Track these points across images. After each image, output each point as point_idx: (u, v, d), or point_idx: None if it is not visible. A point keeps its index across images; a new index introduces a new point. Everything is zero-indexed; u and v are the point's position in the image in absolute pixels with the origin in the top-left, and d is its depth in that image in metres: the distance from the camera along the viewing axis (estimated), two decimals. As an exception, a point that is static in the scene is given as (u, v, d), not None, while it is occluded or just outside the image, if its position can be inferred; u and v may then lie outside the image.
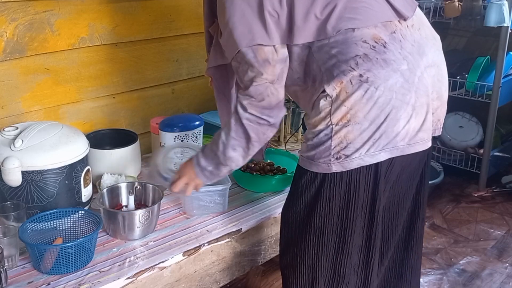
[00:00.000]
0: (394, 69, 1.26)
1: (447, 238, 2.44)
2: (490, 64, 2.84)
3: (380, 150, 1.29)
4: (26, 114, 1.90)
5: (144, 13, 2.14)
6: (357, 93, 1.25)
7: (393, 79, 1.26)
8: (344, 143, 1.28)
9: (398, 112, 1.27)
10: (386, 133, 1.28)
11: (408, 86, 1.28)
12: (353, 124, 1.26)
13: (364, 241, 1.40)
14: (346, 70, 1.25)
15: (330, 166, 1.30)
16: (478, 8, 2.60)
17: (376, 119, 1.26)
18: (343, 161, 1.29)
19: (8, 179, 1.54)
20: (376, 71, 1.24)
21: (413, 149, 1.34)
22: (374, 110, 1.26)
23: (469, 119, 2.96)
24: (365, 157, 1.29)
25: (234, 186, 1.95)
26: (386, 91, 1.25)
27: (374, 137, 1.27)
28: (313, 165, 1.34)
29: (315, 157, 1.32)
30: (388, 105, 1.26)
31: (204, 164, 1.45)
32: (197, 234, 1.66)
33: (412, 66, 1.29)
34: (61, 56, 1.94)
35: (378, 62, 1.25)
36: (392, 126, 1.28)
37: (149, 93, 2.27)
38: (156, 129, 2.02)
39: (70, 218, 1.57)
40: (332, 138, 1.28)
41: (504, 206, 2.73)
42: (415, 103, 1.30)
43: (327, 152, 1.30)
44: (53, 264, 1.41)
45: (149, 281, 1.48)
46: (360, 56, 1.25)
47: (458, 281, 2.13)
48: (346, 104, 1.26)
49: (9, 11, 1.76)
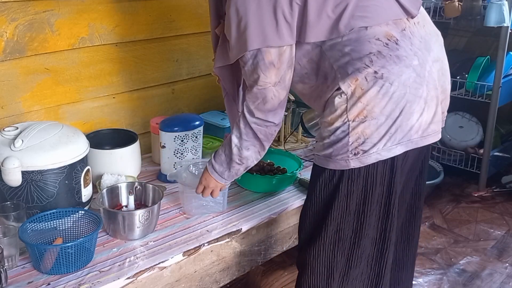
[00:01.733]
0: (406, 65, 1.30)
1: (447, 238, 2.44)
2: (490, 64, 2.84)
3: (397, 144, 1.33)
4: (26, 114, 1.90)
5: (144, 13, 2.14)
6: (372, 89, 1.28)
7: (406, 74, 1.30)
8: (361, 139, 1.30)
9: (412, 106, 1.31)
10: (402, 127, 1.32)
11: (420, 81, 1.32)
12: (370, 120, 1.29)
13: (379, 233, 1.43)
14: (361, 68, 1.28)
15: (348, 162, 1.33)
16: (478, 8, 2.60)
17: (392, 113, 1.30)
18: (361, 156, 1.32)
19: (8, 179, 1.53)
20: (390, 67, 1.28)
21: (426, 141, 1.38)
22: (390, 105, 1.29)
23: (469, 119, 2.96)
24: (382, 151, 1.32)
25: (234, 186, 1.95)
26: (400, 86, 1.29)
27: (391, 132, 1.31)
28: (330, 163, 1.36)
29: (333, 154, 1.34)
30: (403, 100, 1.30)
31: (221, 170, 1.55)
32: (197, 234, 1.66)
33: (422, 61, 1.34)
34: (61, 56, 1.94)
35: (391, 59, 1.29)
36: (406, 120, 1.32)
37: (149, 93, 2.27)
38: (156, 129, 2.02)
39: (70, 218, 1.57)
40: (350, 135, 1.31)
41: (504, 206, 2.73)
42: (427, 97, 1.35)
43: (345, 149, 1.32)
44: (53, 264, 1.41)
45: (149, 281, 1.48)
46: (374, 53, 1.28)
47: (458, 281, 2.13)
48: (362, 101, 1.28)
49: (9, 11, 1.76)
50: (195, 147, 2.00)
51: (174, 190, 1.92)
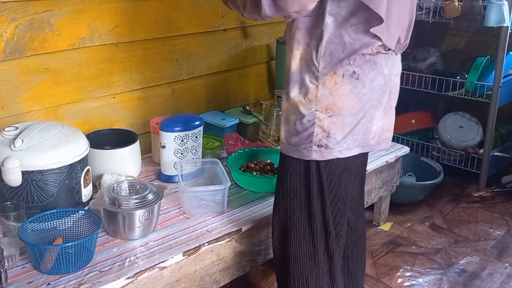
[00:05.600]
0: (380, 72, 1.37)
1: (447, 238, 2.44)
2: (490, 64, 2.84)
3: (356, 145, 1.41)
4: (26, 114, 1.90)
5: (144, 13, 2.14)
6: (345, 87, 1.34)
7: (378, 81, 1.37)
8: (326, 133, 1.36)
9: (374, 111, 1.39)
10: (363, 130, 1.39)
11: (385, 89, 1.41)
12: (337, 116, 1.35)
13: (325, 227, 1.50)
14: (344, 63, 1.32)
15: (310, 153, 1.39)
16: (478, 8, 2.60)
17: (357, 114, 1.36)
18: (324, 150, 1.37)
19: (8, 179, 1.54)
20: (367, 70, 1.35)
21: (379, 146, 1.48)
22: (357, 106, 1.35)
23: (469, 119, 2.96)
24: (344, 150, 1.39)
25: (234, 186, 1.95)
26: (370, 90, 1.36)
27: (353, 132, 1.38)
28: (295, 152, 1.42)
29: (298, 143, 1.40)
30: (368, 103, 1.37)
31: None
32: (197, 234, 1.66)
33: (390, 72, 1.41)
34: (61, 56, 1.94)
35: (369, 63, 1.35)
36: (367, 123, 1.39)
37: (149, 93, 2.27)
38: (156, 129, 2.02)
39: (70, 218, 1.57)
40: (315, 126, 1.36)
41: (504, 206, 2.73)
42: (386, 105, 1.44)
43: (309, 139, 1.38)
44: (53, 264, 1.41)
45: (149, 281, 1.48)
46: (359, 54, 1.33)
47: (458, 281, 2.13)
48: (333, 94, 1.33)
49: (9, 11, 1.76)
50: (195, 147, 2.00)
51: (174, 190, 1.93)
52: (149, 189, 1.67)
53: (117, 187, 1.67)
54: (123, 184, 1.69)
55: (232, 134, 2.22)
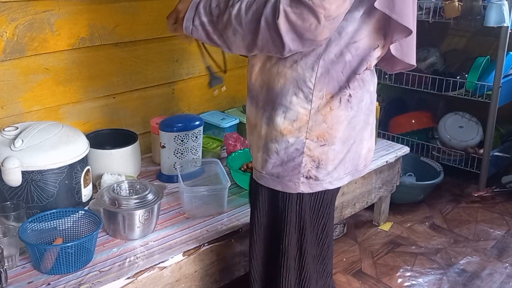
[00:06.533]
0: (367, 90, 1.24)
1: (447, 238, 2.44)
2: (490, 64, 2.84)
3: (347, 174, 1.27)
4: (26, 114, 1.90)
5: (144, 13, 2.14)
6: (341, 113, 1.19)
7: (365, 100, 1.24)
8: (316, 163, 1.21)
9: (362, 132, 1.26)
10: (353, 156, 1.26)
11: (371, 108, 1.29)
12: (330, 145, 1.20)
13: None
14: (342, 86, 1.18)
15: (297, 185, 1.23)
16: (478, 8, 2.60)
17: (348, 140, 1.23)
18: (313, 182, 1.23)
19: (8, 179, 1.54)
20: (356, 90, 1.20)
21: (366, 170, 1.34)
22: (347, 130, 1.22)
23: (469, 119, 2.96)
24: (334, 180, 1.25)
25: (234, 186, 1.95)
26: (359, 111, 1.23)
27: (344, 160, 1.25)
28: (277, 184, 1.24)
29: (281, 174, 1.23)
30: (358, 126, 1.24)
31: (202, 12, 1.19)
32: (197, 234, 1.66)
33: (373, 88, 1.29)
34: (61, 56, 1.94)
35: (358, 81, 1.21)
36: (357, 147, 1.26)
37: (149, 93, 2.27)
38: (156, 129, 2.02)
39: (70, 218, 1.57)
40: (304, 155, 1.20)
41: (504, 206, 2.73)
42: (372, 124, 1.31)
43: (296, 170, 1.21)
44: (53, 264, 1.41)
45: (149, 281, 1.48)
46: (357, 76, 1.20)
47: (458, 281, 2.13)
48: (327, 122, 1.18)
49: (9, 11, 1.76)
50: (195, 147, 2.00)
51: (174, 190, 1.93)
52: (149, 189, 1.67)
53: (117, 187, 1.67)
54: (123, 184, 1.69)
55: (232, 134, 2.22)
